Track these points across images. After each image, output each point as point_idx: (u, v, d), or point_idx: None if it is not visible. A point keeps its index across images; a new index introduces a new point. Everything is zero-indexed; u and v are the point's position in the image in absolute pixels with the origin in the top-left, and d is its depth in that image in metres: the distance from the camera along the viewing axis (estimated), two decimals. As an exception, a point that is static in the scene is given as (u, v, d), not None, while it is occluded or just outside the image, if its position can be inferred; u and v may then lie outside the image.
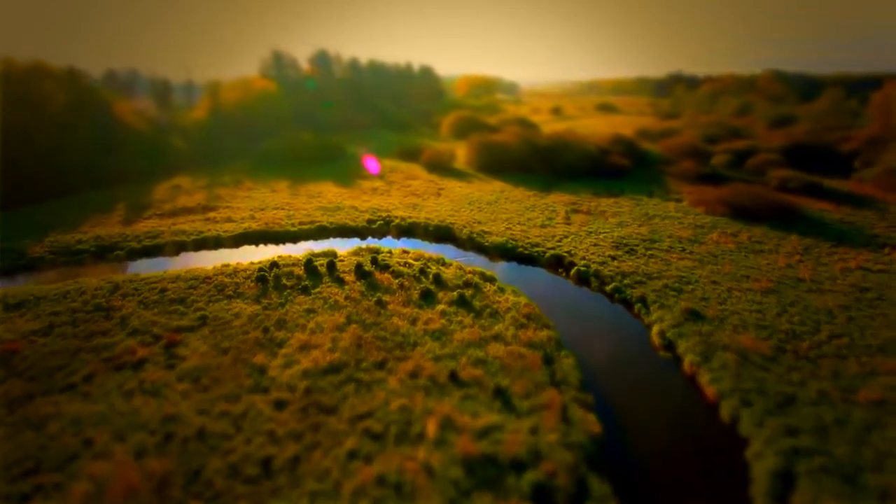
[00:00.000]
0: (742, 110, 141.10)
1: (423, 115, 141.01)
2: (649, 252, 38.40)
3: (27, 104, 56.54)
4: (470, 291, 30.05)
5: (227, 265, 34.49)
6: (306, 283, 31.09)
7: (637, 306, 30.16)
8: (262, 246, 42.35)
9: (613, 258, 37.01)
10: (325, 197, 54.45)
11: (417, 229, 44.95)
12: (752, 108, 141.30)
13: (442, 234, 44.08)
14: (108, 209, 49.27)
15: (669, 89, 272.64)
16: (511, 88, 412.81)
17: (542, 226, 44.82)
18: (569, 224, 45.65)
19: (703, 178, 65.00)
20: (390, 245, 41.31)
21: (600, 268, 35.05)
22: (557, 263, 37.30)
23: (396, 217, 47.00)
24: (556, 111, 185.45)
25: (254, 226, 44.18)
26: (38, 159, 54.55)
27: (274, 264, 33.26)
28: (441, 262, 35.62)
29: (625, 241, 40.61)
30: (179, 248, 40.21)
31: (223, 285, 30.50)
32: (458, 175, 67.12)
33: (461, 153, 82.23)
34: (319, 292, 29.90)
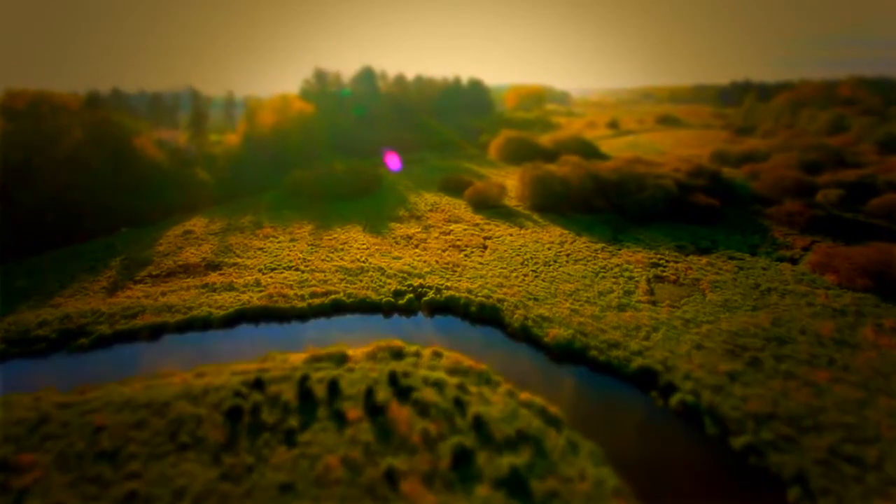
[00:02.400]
0: (834, 126, 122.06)
1: (470, 132, 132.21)
2: (783, 364, 26.96)
3: (35, 141, 51.95)
4: (526, 455, 20.07)
5: (202, 374, 26.30)
6: (293, 421, 22.22)
7: (793, 492, 19.19)
8: (262, 324, 34.31)
9: (732, 377, 25.93)
10: (350, 251, 45.99)
11: (455, 306, 35.41)
12: (847, 124, 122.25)
13: (487, 315, 34.32)
14: (101, 266, 42.89)
15: (738, 99, 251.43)
16: (562, 98, 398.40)
17: (620, 307, 34.10)
18: (654, 304, 34.71)
19: (816, 225, 51.81)
20: (419, 335, 31.91)
21: (716, 399, 24.10)
22: (647, 379, 26.60)
23: (430, 287, 37.67)
24: (614, 125, 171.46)
25: (255, 298, 36.11)
26: (42, 204, 49.55)
27: (257, 382, 24.66)
28: (486, 379, 25.86)
29: (741, 341, 29.31)
30: (159, 330, 32.70)
31: (180, 421, 22.11)
32: (508, 216, 57.19)
33: (511, 183, 72.41)
34: (308, 443, 20.89)
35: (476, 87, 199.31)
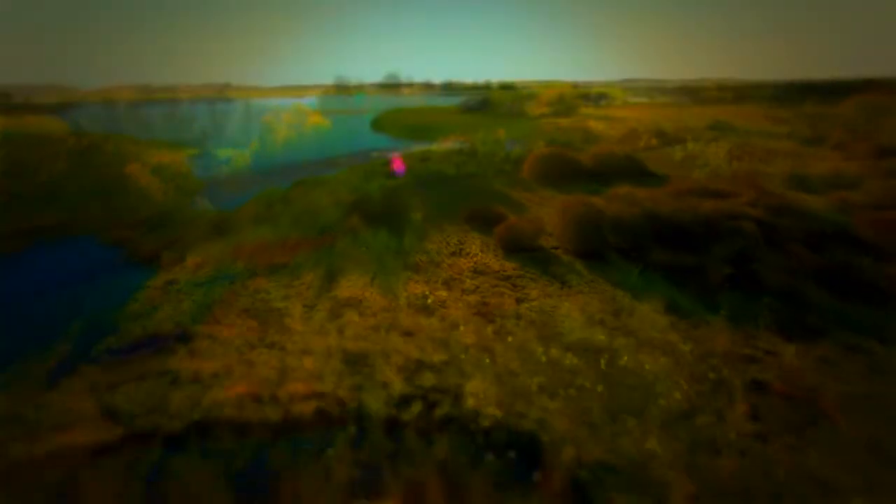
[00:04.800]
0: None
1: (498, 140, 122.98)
2: None
3: (11, 174, 45.97)
4: None
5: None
6: None
7: None
8: (221, 441, 26.22)
9: None
10: (351, 320, 37.47)
11: (476, 430, 26.31)
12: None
13: (523, 444, 25.09)
14: (58, 333, 35.91)
15: (792, 99, 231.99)
16: (596, 98, 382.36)
17: (713, 446, 24.15)
18: (764, 439, 24.43)
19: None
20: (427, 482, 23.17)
21: None
22: None
23: (446, 391, 28.66)
24: (660, 133, 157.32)
25: (221, 399, 28.08)
26: (13, 247, 43.40)
27: None
28: None
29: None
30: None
31: None
32: (546, 265, 47.35)
33: (548, 214, 62.59)
34: None
35: (507, 89, 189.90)
